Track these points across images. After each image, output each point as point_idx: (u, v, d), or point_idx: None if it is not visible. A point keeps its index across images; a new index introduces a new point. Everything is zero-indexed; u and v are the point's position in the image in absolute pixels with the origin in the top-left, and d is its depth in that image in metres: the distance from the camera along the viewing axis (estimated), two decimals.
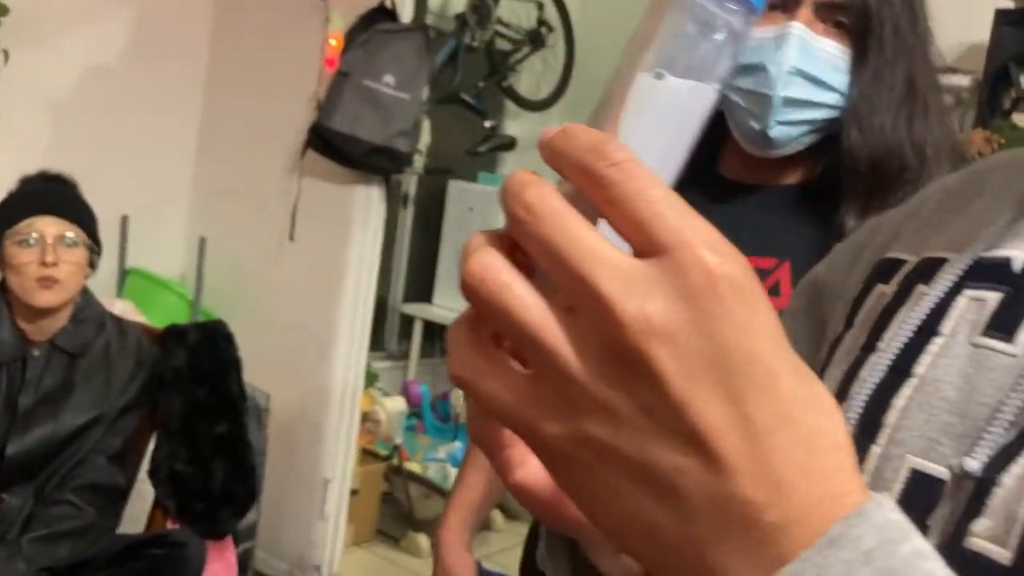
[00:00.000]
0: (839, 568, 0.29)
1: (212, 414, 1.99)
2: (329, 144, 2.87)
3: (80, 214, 1.89)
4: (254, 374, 3.17)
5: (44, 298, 1.82)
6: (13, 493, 1.80)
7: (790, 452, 0.29)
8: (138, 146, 3.24)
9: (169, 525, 1.99)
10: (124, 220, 3.23)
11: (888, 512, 0.30)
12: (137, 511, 2.09)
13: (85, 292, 1.93)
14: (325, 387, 3.15)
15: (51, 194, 1.88)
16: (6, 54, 2.80)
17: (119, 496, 1.91)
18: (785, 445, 0.29)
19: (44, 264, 1.78)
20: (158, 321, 2.53)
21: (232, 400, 2.01)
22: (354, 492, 3.26)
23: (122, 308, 2.92)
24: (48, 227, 1.81)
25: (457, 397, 3.72)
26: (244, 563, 3.15)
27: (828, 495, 0.30)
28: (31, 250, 1.79)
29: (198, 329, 2.01)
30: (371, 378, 3.55)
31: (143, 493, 2.08)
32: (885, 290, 0.53)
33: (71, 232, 1.84)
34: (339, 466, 3.10)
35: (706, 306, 0.28)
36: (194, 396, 1.97)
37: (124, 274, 3.23)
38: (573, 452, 0.30)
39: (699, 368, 0.28)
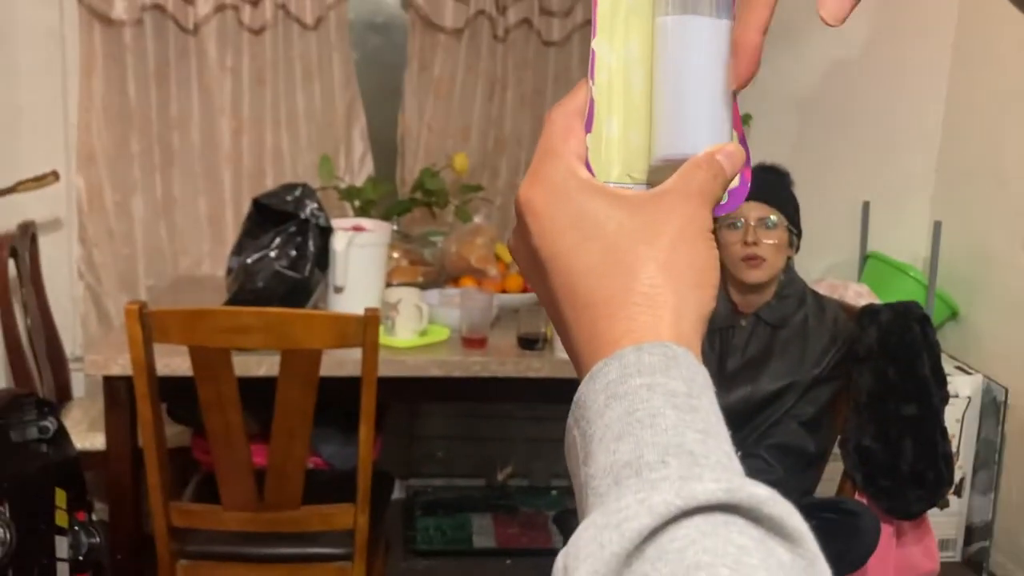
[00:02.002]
0: (591, 396, 0.39)
1: (901, 394, 2.00)
2: None
3: (782, 200, 2.08)
4: (992, 366, 3.00)
5: (751, 275, 2.06)
6: None
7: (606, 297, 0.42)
8: (881, 134, 3.31)
9: (856, 496, 2.06)
10: (865, 206, 3.34)
11: (645, 355, 0.38)
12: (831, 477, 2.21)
13: (789, 270, 2.12)
14: None
15: (759, 182, 2.10)
16: None
17: (809, 461, 2.05)
18: (603, 293, 0.42)
19: (745, 244, 2.02)
20: None
21: (923, 383, 1.99)
22: None
23: (856, 291, 3.04)
24: (751, 211, 2.04)
25: None
26: (978, 563, 3.02)
27: (618, 339, 0.41)
28: (736, 232, 2.05)
29: (891, 309, 2.04)
30: None
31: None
32: None
33: (773, 216, 2.05)
34: None
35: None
36: (884, 374, 2.01)
37: (864, 258, 3.34)
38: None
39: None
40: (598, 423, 0.38)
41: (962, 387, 2.94)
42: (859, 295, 3.00)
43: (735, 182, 0.46)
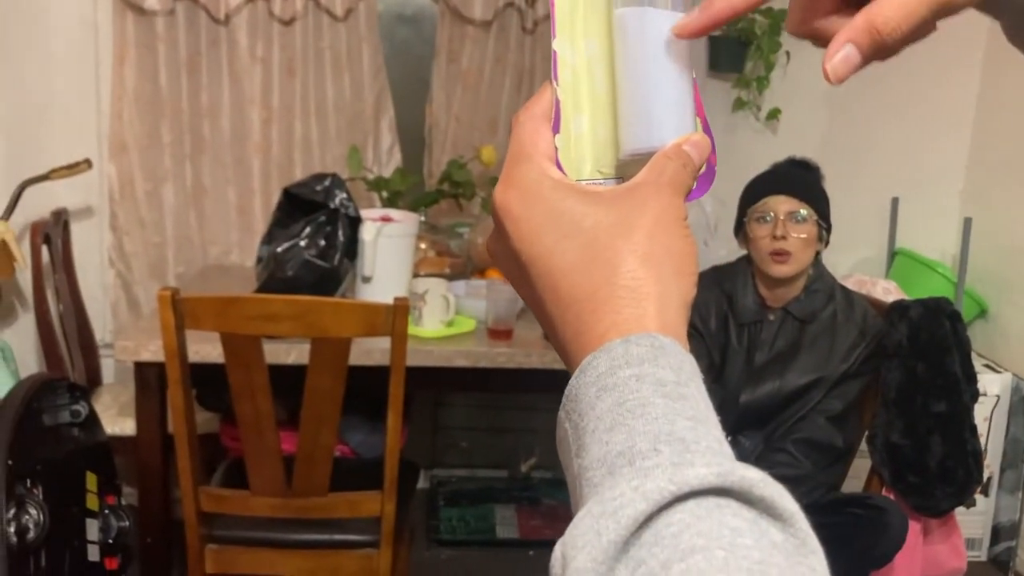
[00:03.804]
0: (581, 389, 0.40)
1: (930, 391, 1.99)
2: None
3: (812, 194, 2.07)
4: (1021, 364, 2.97)
5: (778, 270, 2.05)
6: (747, 436, 2.08)
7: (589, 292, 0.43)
8: (911, 129, 3.29)
9: (883, 492, 2.05)
10: (894, 202, 3.31)
11: (633, 346, 0.39)
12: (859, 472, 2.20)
13: (817, 265, 2.11)
14: None
15: (789, 176, 2.10)
16: (788, 55, 3.12)
17: (836, 456, 2.04)
18: (587, 283, 0.43)
19: (774, 238, 2.01)
20: None
21: (952, 379, 1.98)
22: None
23: (884, 287, 3.02)
24: (780, 205, 2.03)
25: None
26: (1004, 562, 3.00)
27: (604, 332, 0.41)
28: (766, 226, 2.04)
29: (921, 305, 2.03)
30: None
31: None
32: None
33: (803, 210, 2.04)
34: None
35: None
36: (913, 370, 2.00)
37: (893, 255, 3.32)
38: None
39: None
40: (590, 415, 0.39)
41: (991, 385, 2.92)
42: (887, 292, 2.97)
43: (702, 169, 0.47)
